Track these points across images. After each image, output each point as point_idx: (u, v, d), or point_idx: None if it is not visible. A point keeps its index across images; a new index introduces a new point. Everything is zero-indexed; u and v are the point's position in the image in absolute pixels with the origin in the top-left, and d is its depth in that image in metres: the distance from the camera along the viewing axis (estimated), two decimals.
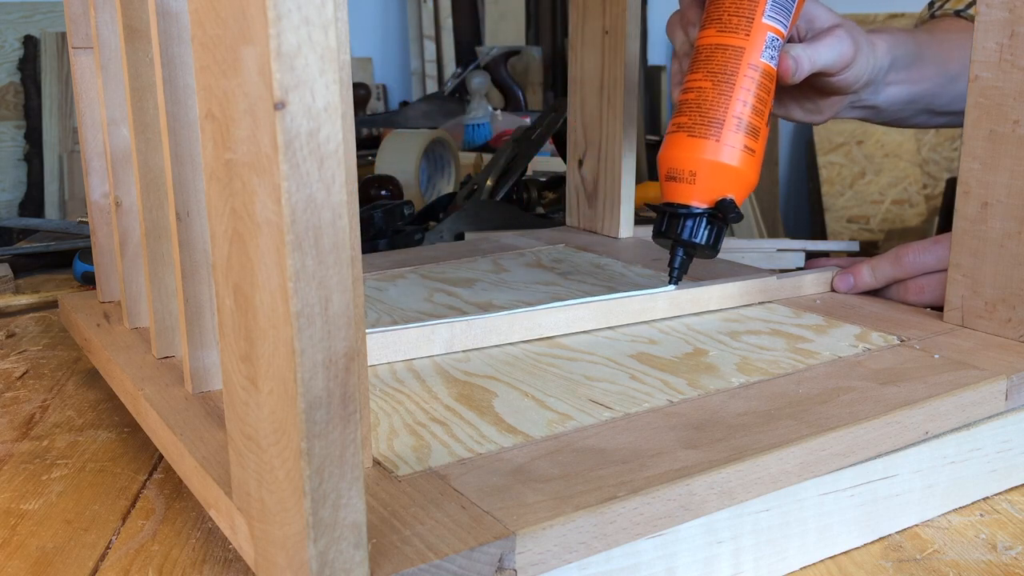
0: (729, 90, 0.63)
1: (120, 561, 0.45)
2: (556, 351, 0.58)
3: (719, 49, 0.64)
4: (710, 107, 0.63)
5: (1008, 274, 0.57)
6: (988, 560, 0.45)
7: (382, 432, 0.46)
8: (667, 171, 0.65)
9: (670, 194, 0.65)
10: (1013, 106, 0.55)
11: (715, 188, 0.63)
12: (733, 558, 0.43)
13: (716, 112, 0.63)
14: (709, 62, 0.64)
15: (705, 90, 0.64)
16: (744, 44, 0.63)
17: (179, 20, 0.46)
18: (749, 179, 0.64)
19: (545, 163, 1.50)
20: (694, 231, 0.64)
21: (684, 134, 0.64)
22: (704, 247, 0.64)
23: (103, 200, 0.64)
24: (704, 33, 0.65)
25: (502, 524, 0.36)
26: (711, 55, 0.64)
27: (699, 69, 0.65)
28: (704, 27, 0.66)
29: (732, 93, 0.63)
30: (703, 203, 0.63)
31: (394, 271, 0.77)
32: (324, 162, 0.29)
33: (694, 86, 0.64)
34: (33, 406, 0.64)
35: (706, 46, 0.65)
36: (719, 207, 0.63)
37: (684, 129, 0.64)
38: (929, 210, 3.00)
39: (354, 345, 0.31)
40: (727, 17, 0.64)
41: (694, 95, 0.64)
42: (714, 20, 0.65)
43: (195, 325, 0.49)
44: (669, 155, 0.64)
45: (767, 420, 0.46)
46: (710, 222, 0.64)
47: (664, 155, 0.65)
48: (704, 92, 0.64)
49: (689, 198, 0.64)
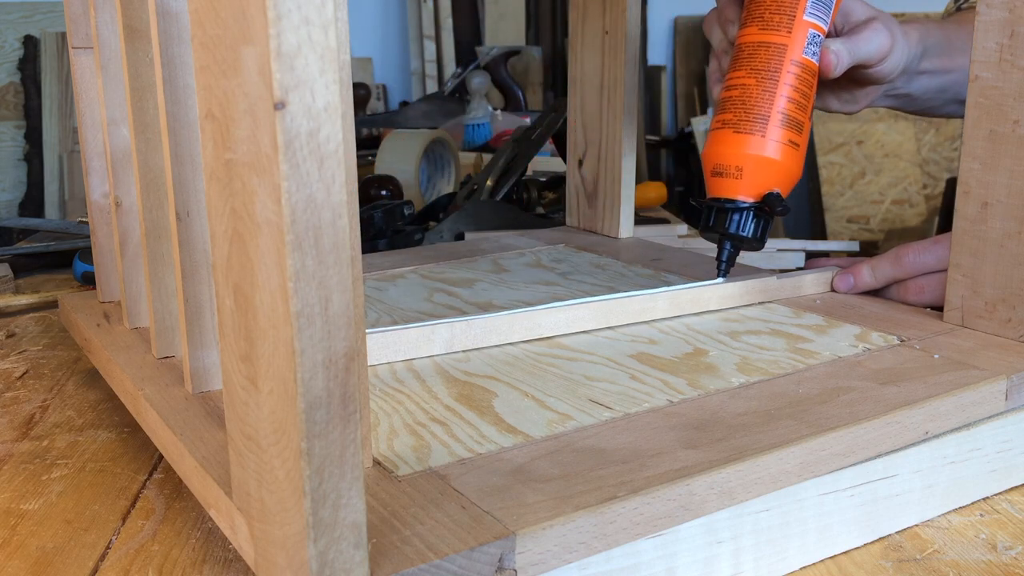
0: (773, 86, 0.65)
1: (120, 561, 0.45)
2: (556, 351, 0.58)
3: (762, 47, 0.66)
4: (755, 103, 0.65)
5: (1008, 274, 0.57)
6: (988, 560, 0.45)
7: (382, 432, 0.46)
8: (713, 167, 0.66)
9: (716, 189, 0.66)
10: (1013, 106, 0.55)
11: (761, 182, 0.65)
12: (733, 558, 0.43)
13: (761, 108, 0.64)
14: (752, 59, 0.66)
15: (749, 87, 0.65)
16: (786, 41, 0.65)
17: (179, 20, 0.46)
18: (793, 172, 0.65)
19: (545, 163, 1.50)
20: (741, 225, 0.65)
21: (730, 131, 0.65)
22: (751, 240, 0.66)
23: (103, 200, 0.64)
24: (745, 31, 0.67)
25: (502, 524, 0.36)
26: (754, 53, 0.66)
27: (742, 67, 0.66)
28: (745, 25, 0.67)
29: (776, 89, 0.64)
30: (749, 197, 0.65)
31: (394, 271, 0.77)
32: (324, 162, 0.29)
33: (737, 83, 0.66)
34: (33, 406, 0.64)
35: (748, 44, 0.66)
36: (766, 201, 0.65)
37: (729, 126, 0.65)
38: (929, 210, 3.00)
39: (354, 345, 0.31)
40: (768, 15, 0.66)
41: (738, 92, 0.66)
42: (755, 18, 0.66)
43: (195, 325, 0.49)
44: (715, 151, 0.66)
45: (767, 420, 0.46)
46: (757, 216, 0.65)
47: (709, 151, 0.66)
48: (748, 89, 0.65)
49: (736, 193, 0.65)
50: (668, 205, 2.06)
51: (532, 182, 1.17)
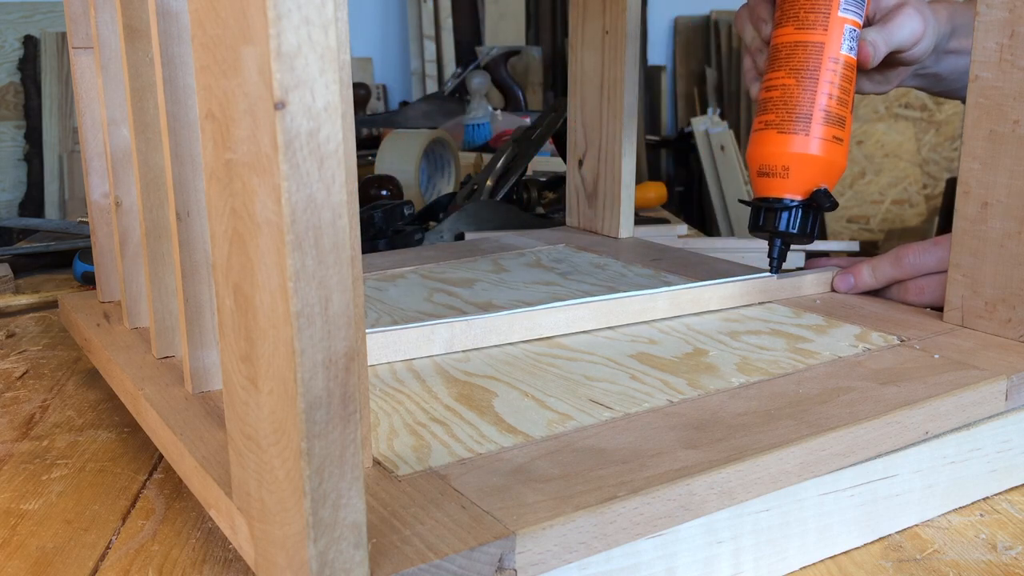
0: (813, 85, 0.65)
1: (120, 561, 0.45)
2: (556, 351, 0.58)
3: (799, 46, 0.66)
4: (796, 103, 0.65)
5: (1008, 274, 0.57)
6: (988, 560, 0.45)
7: (382, 432, 0.46)
8: (759, 167, 0.67)
9: (764, 189, 0.67)
10: (1013, 106, 0.55)
11: (808, 179, 0.66)
12: (733, 558, 0.43)
13: (803, 107, 0.65)
14: (791, 60, 0.66)
15: (790, 87, 0.66)
16: (823, 39, 0.66)
17: (179, 20, 0.46)
18: (838, 165, 0.66)
19: (545, 163, 1.50)
20: (791, 223, 0.66)
21: (774, 131, 0.66)
22: (801, 236, 0.67)
23: (103, 200, 0.64)
24: (781, 31, 0.67)
25: (502, 524, 0.36)
26: (792, 52, 0.66)
27: (781, 67, 0.67)
28: (780, 25, 0.68)
29: (817, 88, 0.65)
30: (797, 195, 0.66)
31: (394, 271, 0.77)
32: (324, 162, 0.29)
33: (778, 83, 0.67)
34: (33, 406, 0.64)
35: (785, 44, 0.67)
36: (814, 198, 0.66)
37: (773, 126, 0.66)
38: (929, 210, 3.00)
39: (354, 345, 0.31)
40: (804, 14, 0.66)
41: (779, 92, 0.66)
42: (791, 18, 0.67)
43: (195, 325, 0.49)
44: (760, 152, 0.67)
45: (767, 420, 0.46)
46: (805, 212, 0.66)
47: (754, 152, 0.67)
48: (789, 89, 0.66)
49: (783, 191, 0.66)
50: (668, 205, 2.06)
51: (532, 182, 1.17)
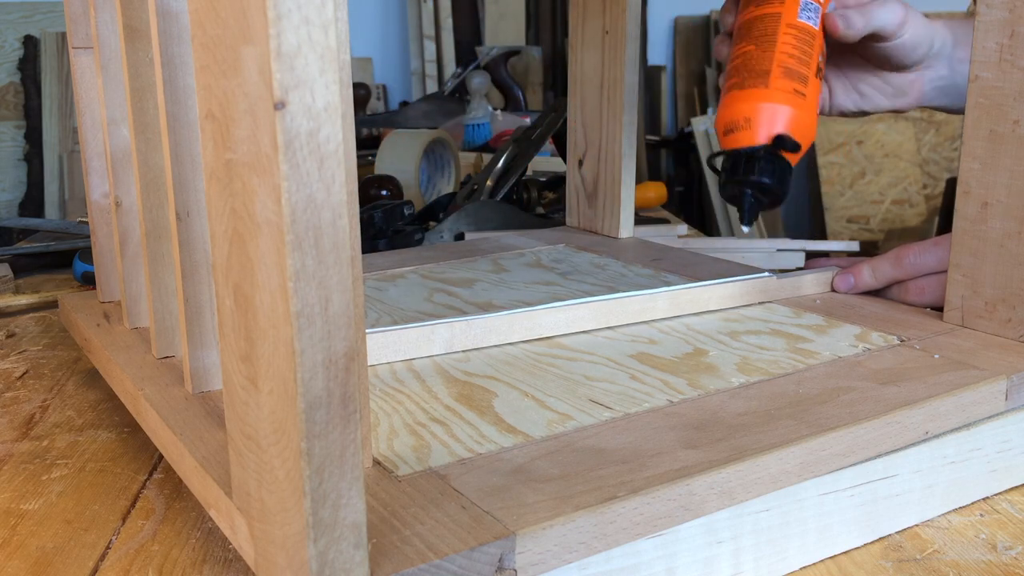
0: (771, 46, 0.67)
1: (120, 561, 0.45)
2: (556, 351, 0.58)
3: (758, 19, 0.69)
4: (755, 63, 0.67)
5: (1008, 274, 0.57)
6: (988, 560, 0.45)
7: (382, 432, 0.46)
8: (724, 126, 0.68)
9: (729, 144, 0.68)
10: (1013, 106, 0.55)
11: (771, 128, 0.66)
12: (733, 558, 0.43)
13: (762, 65, 0.67)
14: (751, 31, 0.69)
15: (750, 52, 0.68)
16: (780, 10, 0.68)
17: (179, 20, 0.46)
18: (804, 121, 0.66)
19: (545, 163, 1.50)
20: (757, 169, 0.66)
21: (735, 90, 0.68)
22: (771, 187, 0.66)
23: (103, 200, 0.64)
24: (744, 13, 0.71)
25: (502, 524, 0.36)
26: (752, 25, 0.69)
27: (742, 39, 0.70)
28: (743, 10, 0.71)
29: (774, 48, 0.67)
30: (760, 142, 0.66)
31: (394, 271, 0.77)
32: (324, 162, 0.29)
33: (740, 52, 0.69)
34: (33, 406, 0.64)
35: (747, 20, 0.70)
36: (776, 142, 0.66)
37: (735, 87, 0.68)
38: (929, 210, 3.00)
39: (354, 345, 0.31)
40: None
41: (741, 60, 0.69)
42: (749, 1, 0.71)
43: (195, 325, 0.49)
44: (725, 113, 0.68)
45: (767, 420, 0.46)
46: (769, 158, 0.66)
47: (720, 115, 0.68)
48: (749, 54, 0.68)
49: (747, 141, 0.67)
50: (668, 205, 2.06)
51: (532, 182, 1.17)
